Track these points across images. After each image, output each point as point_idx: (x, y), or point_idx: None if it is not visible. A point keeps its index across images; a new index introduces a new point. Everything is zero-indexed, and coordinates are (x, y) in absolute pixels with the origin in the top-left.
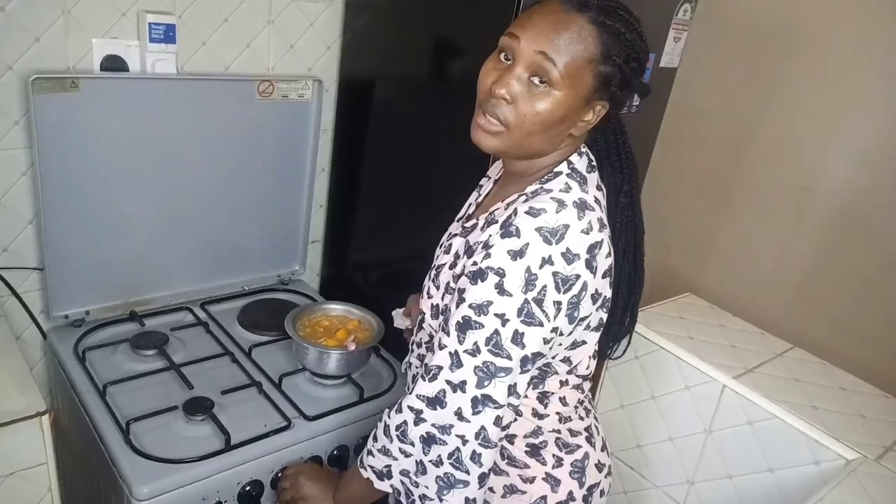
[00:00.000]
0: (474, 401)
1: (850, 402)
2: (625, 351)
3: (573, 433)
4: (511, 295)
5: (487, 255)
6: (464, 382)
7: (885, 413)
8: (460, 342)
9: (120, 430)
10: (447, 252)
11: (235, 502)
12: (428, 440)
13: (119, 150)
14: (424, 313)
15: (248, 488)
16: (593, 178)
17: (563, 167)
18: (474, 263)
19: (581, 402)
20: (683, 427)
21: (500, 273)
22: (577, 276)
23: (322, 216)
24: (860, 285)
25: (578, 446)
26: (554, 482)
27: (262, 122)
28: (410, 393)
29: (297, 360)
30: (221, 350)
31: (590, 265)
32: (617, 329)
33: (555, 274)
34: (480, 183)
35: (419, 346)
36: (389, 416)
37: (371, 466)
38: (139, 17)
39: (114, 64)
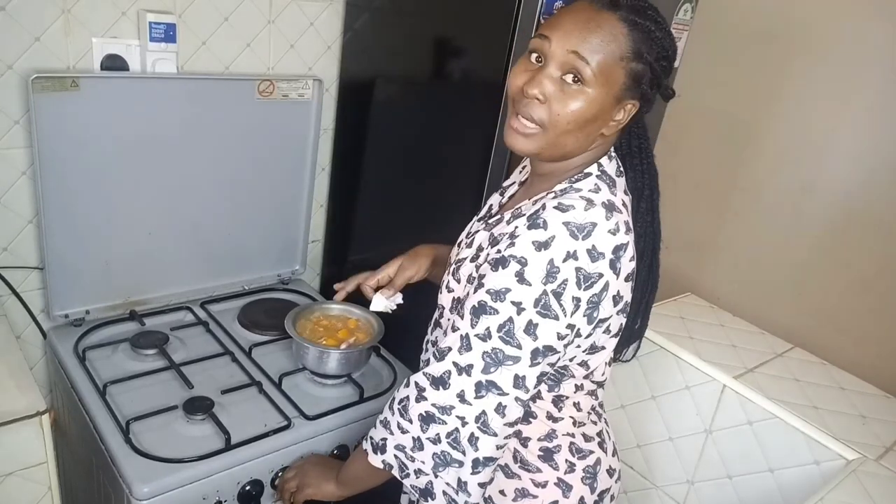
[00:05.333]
0: (478, 385)
1: (851, 402)
2: (634, 354)
3: (587, 438)
4: (530, 284)
5: (512, 244)
6: (470, 366)
7: (886, 413)
8: (472, 326)
9: (120, 429)
10: (469, 246)
11: (235, 502)
12: (426, 419)
13: (119, 150)
14: (443, 307)
15: (248, 488)
16: (622, 182)
17: (594, 168)
18: (498, 251)
19: (594, 408)
20: (683, 427)
21: (523, 262)
22: (600, 275)
23: (322, 216)
24: (861, 285)
25: (591, 452)
26: (566, 487)
27: (262, 121)
28: (420, 370)
29: (297, 360)
30: (221, 349)
31: (613, 266)
32: (628, 332)
33: (577, 269)
34: (504, 185)
35: (434, 344)
36: (398, 390)
37: (371, 437)
38: (139, 16)
39: (114, 63)
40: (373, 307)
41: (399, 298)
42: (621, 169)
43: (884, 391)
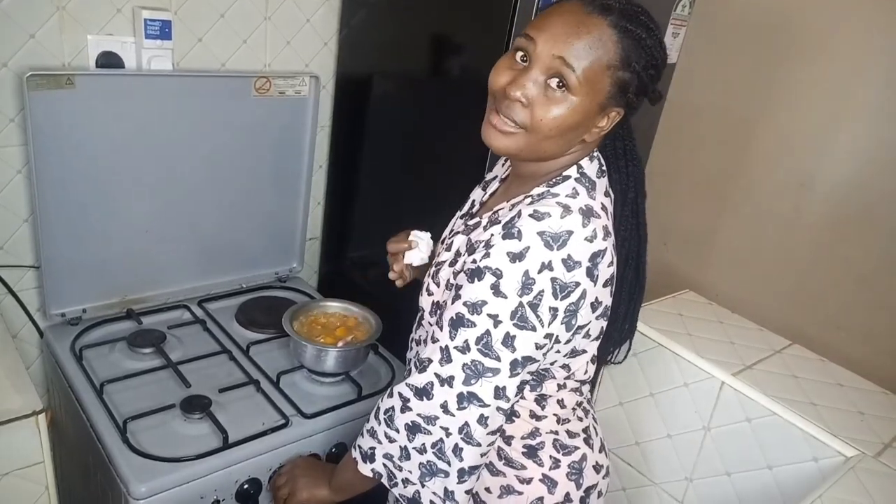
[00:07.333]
0: (460, 397)
1: (849, 399)
2: (625, 356)
3: (571, 434)
4: (506, 297)
5: (487, 255)
6: (451, 378)
7: (884, 410)
8: (451, 338)
9: (117, 428)
10: (448, 249)
11: (233, 501)
12: (412, 428)
13: (115, 148)
14: (423, 310)
15: (245, 486)
16: (602, 183)
17: (573, 171)
18: (473, 261)
19: (580, 404)
20: (682, 424)
21: (498, 274)
22: (577, 284)
23: (320, 213)
24: (858, 282)
25: (576, 448)
26: (551, 483)
27: (258, 118)
28: (403, 381)
29: (294, 358)
30: (219, 348)
31: (591, 273)
32: (618, 335)
33: (553, 280)
34: (486, 179)
35: (418, 343)
36: (382, 400)
37: (359, 446)
38: (135, 13)
39: (109, 60)
40: (413, 261)
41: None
42: (603, 169)
43: (882, 388)
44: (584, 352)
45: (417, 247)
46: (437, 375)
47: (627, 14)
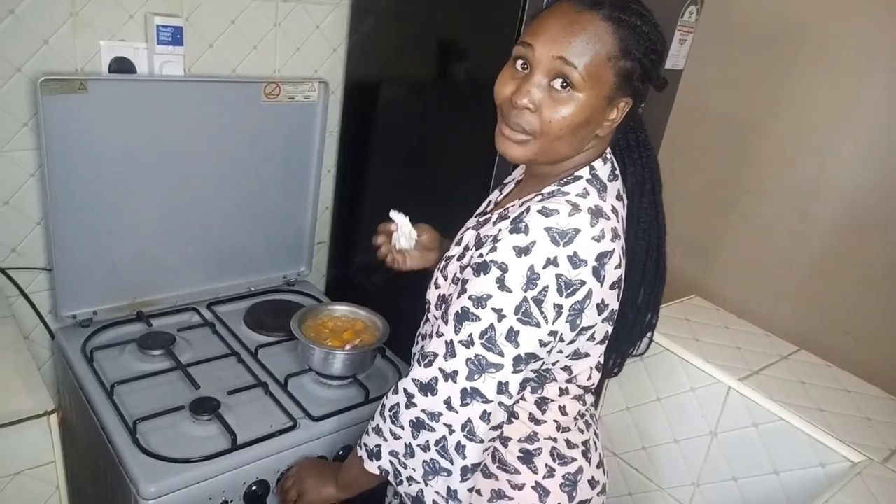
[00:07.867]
0: (463, 392)
1: (856, 405)
2: (647, 347)
3: (570, 445)
4: (511, 291)
5: (493, 249)
6: (455, 372)
7: (891, 416)
8: (456, 332)
9: (127, 429)
10: (458, 244)
11: (241, 502)
12: (417, 425)
13: (127, 152)
14: (430, 303)
15: (253, 488)
16: (614, 186)
17: (585, 172)
18: (480, 256)
19: (581, 416)
20: (689, 429)
21: (503, 268)
22: (583, 283)
23: (328, 217)
24: (866, 287)
25: (573, 459)
26: (543, 492)
27: (268, 123)
28: (407, 376)
29: (302, 361)
30: (228, 350)
31: (597, 273)
32: (639, 327)
33: (558, 276)
34: (505, 181)
35: (424, 338)
36: (387, 397)
37: (365, 445)
38: (147, 19)
39: (121, 66)
40: (401, 244)
41: (415, 234)
42: (616, 172)
43: (889, 394)
44: (588, 355)
45: (396, 225)
46: (441, 370)
47: (618, 5)
